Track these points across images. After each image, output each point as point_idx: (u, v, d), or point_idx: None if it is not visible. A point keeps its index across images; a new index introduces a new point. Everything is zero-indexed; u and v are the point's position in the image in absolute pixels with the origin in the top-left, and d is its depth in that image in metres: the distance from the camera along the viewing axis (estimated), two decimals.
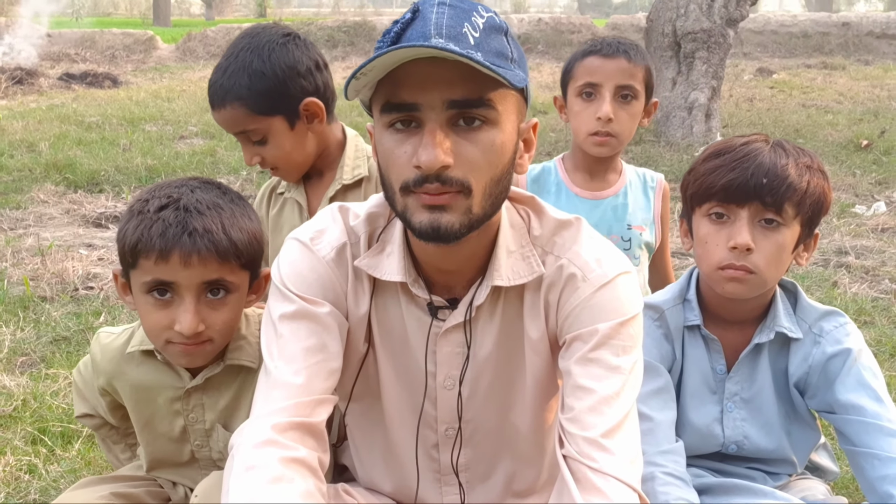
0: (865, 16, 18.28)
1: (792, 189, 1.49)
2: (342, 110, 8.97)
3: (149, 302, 1.45)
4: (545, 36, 17.29)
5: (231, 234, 1.44)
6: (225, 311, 1.48)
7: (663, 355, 1.65)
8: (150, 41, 16.22)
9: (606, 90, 2.08)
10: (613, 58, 2.08)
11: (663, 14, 7.36)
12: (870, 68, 14.02)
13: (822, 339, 1.60)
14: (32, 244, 4.38)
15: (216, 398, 1.61)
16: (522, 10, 41.34)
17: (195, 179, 1.53)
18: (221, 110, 1.83)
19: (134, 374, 1.62)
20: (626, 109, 2.10)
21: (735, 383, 1.65)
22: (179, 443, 1.67)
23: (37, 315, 3.42)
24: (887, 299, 3.71)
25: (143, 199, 1.47)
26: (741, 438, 1.65)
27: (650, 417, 1.56)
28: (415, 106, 1.11)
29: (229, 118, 1.83)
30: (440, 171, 1.11)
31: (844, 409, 1.55)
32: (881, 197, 5.49)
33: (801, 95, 10.62)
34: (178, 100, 9.84)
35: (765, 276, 1.52)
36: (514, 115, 1.18)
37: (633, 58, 2.09)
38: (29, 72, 11.27)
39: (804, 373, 1.61)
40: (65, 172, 5.88)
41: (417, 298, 1.30)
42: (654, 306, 1.67)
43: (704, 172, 1.56)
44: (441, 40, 1.07)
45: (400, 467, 1.44)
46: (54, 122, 7.98)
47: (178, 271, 1.41)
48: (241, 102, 1.81)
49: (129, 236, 1.43)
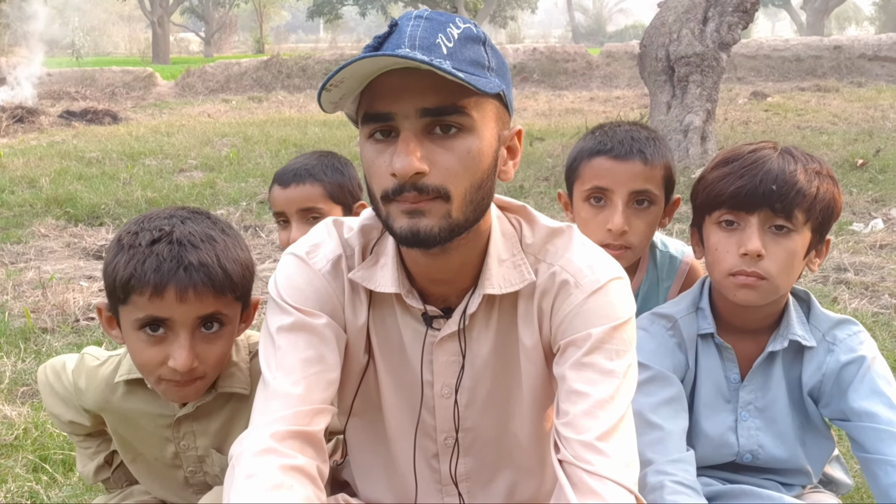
0: (857, 39, 18.46)
1: (801, 195, 1.49)
2: (341, 140, 9.04)
3: (140, 338, 1.40)
4: (540, 65, 17.47)
5: (226, 267, 1.40)
6: (219, 345, 1.44)
7: (676, 365, 1.64)
8: (149, 78, 16.41)
9: (619, 197, 1.77)
10: (627, 160, 1.77)
11: (656, 39, 7.45)
12: (863, 90, 14.16)
13: (835, 348, 1.59)
14: (33, 277, 4.39)
15: (207, 424, 1.58)
16: (517, 40, 41.71)
17: (183, 209, 1.48)
18: (300, 185, 2.09)
19: (122, 404, 1.58)
20: (641, 217, 1.79)
21: (749, 392, 1.63)
22: (172, 468, 1.64)
23: (38, 346, 3.43)
24: (888, 314, 3.72)
25: (132, 232, 1.41)
26: (756, 448, 1.64)
27: (661, 427, 1.54)
28: (389, 115, 1.13)
29: (304, 195, 2.09)
30: (415, 180, 1.12)
31: (858, 417, 1.54)
32: (878, 214, 5.52)
33: (795, 118, 10.71)
34: (178, 134, 9.93)
35: (777, 282, 1.51)
36: (492, 122, 1.19)
37: (651, 158, 1.78)
38: (30, 110, 11.40)
39: (818, 381, 1.60)
40: (65, 207, 5.92)
41: (412, 309, 1.31)
42: (667, 315, 1.66)
43: (713, 180, 1.56)
44: (410, 51, 1.09)
45: (400, 479, 1.44)
46: (55, 159, 8.04)
47: (174, 307, 1.36)
48: (320, 184, 2.10)
49: (121, 271, 1.37)
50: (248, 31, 45.92)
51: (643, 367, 1.58)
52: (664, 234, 1.97)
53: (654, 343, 1.63)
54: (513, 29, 43.92)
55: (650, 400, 1.56)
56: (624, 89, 15.89)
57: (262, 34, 40.06)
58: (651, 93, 7.72)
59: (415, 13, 1.16)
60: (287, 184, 2.10)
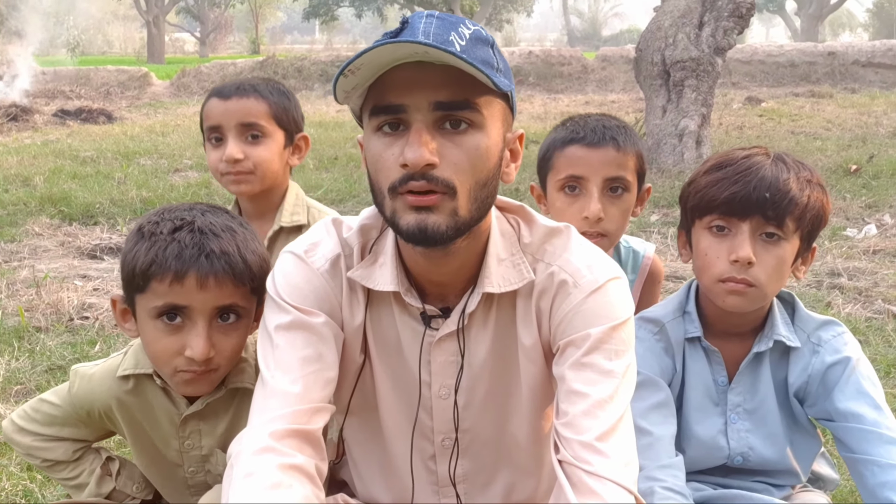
0: (851, 45, 18.56)
1: (794, 203, 1.49)
2: (336, 142, 9.04)
3: (157, 328, 1.40)
4: (536, 68, 17.49)
5: (247, 258, 1.42)
6: (234, 337, 1.45)
7: (663, 369, 1.64)
8: (144, 77, 16.38)
9: (593, 185, 1.80)
10: (600, 147, 1.79)
11: (652, 44, 7.47)
12: (856, 96, 14.21)
13: (820, 349, 1.60)
14: (27, 276, 4.38)
15: (214, 424, 1.58)
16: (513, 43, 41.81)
17: (201, 204, 1.50)
18: (243, 98, 1.94)
19: (128, 399, 1.57)
20: (616, 205, 1.81)
21: (737, 394, 1.64)
22: (172, 468, 1.64)
23: (32, 345, 3.41)
24: (881, 319, 3.73)
25: (153, 222, 1.43)
26: (746, 450, 1.64)
27: (650, 432, 1.54)
28: (401, 107, 1.14)
29: (247, 108, 1.94)
30: (425, 170, 1.13)
31: (844, 417, 1.55)
32: (871, 220, 5.54)
33: (789, 123, 10.74)
34: (173, 134, 9.92)
35: (765, 289, 1.52)
36: (499, 122, 1.20)
37: (623, 144, 1.80)
38: (24, 108, 11.36)
39: (804, 382, 1.61)
40: (59, 205, 5.90)
41: (410, 308, 1.31)
42: (653, 320, 1.66)
43: (706, 185, 1.56)
44: (424, 39, 1.10)
45: (398, 480, 1.44)
46: (49, 157, 8.02)
47: (193, 294, 1.37)
48: (265, 101, 1.96)
49: (141, 258, 1.38)
50: (244, 31, 45.88)
51: None
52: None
53: (642, 347, 1.62)
54: (508, 32, 43.97)
55: (639, 405, 1.56)
56: (619, 93, 15.92)
57: (257, 35, 40.00)
58: (646, 97, 7.74)
59: (425, 13, 1.17)
60: (228, 96, 1.96)
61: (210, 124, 1.98)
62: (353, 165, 7.65)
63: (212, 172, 2.02)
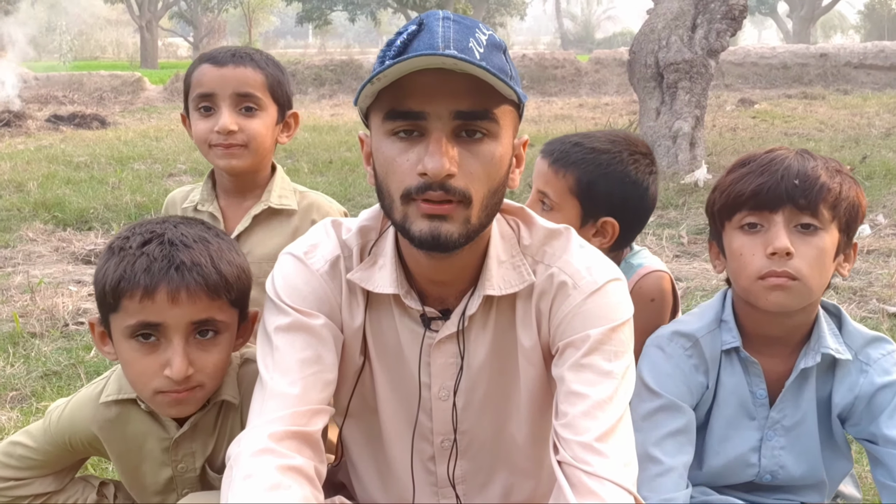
0: (843, 47, 18.64)
1: (825, 189, 1.42)
2: (331, 145, 9.03)
3: (133, 348, 1.33)
4: (530, 71, 17.52)
5: (220, 268, 1.34)
6: (215, 353, 1.37)
7: (691, 388, 1.56)
8: (137, 82, 16.35)
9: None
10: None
11: (645, 46, 7.48)
12: (849, 97, 14.27)
13: (869, 368, 1.53)
14: (22, 281, 4.36)
15: (206, 442, 1.51)
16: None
17: (176, 217, 1.45)
18: (240, 66, 1.84)
19: (112, 429, 1.50)
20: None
21: (779, 411, 1.57)
22: (164, 494, 1.56)
23: (27, 350, 3.40)
24: (875, 318, 3.75)
25: (123, 237, 1.37)
26: (777, 468, 1.59)
27: (661, 461, 1.49)
28: (422, 115, 1.13)
29: (244, 77, 1.84)
30: (444, 180, 1.12)
31: (889, 444, 1.49)
32: (865, 220, 5.55)
33: (782, 125, 10.78)
34: (167, 139, 9.90)
35: (809, 283, 1.43)
36: (510, 129, 1.21)
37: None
38: (16, 114, 11.32)
39: (849, 402, 1.54)
40: (53, 211, 5.88)
41: (410, 310, 1.31)
42: (686, 335, 1.57)
43: (731, 182, 1.50)
44: (454, 52, 1.09)
45: (397, 481, 1.44)
46: (42, 163, 7.99)
47: (165, 310, 1.30)
48: (261, 72, 1.86)
49: (110, 275, 1.31)
50: (237, 36, 45.86)
51: (654, 394, 1.54)
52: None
53: (670, 365, 1.56)
54: (502, 35, 43.88)
55: (655, 433, 1.51)
56: (613, 96, 15.95)
57: (250, 39, 39.98)
58: (640, 99, 7.75)
59: (441, 14, 1.16)
60: (224, 62, 1.84)
61: (201, 91, 1.85)
62: (347, 169, 7.65)
63: (197, 144, 1.90)
